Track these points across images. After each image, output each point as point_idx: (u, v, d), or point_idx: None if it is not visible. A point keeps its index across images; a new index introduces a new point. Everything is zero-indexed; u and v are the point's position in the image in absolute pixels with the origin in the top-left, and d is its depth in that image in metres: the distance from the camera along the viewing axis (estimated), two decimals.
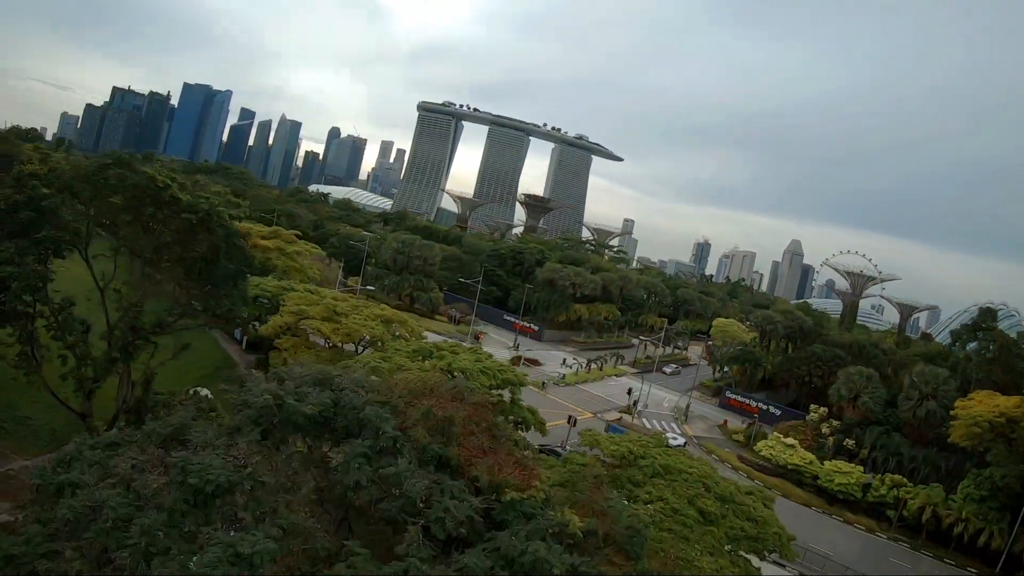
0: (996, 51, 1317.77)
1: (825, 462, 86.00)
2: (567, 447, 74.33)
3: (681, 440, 79.93)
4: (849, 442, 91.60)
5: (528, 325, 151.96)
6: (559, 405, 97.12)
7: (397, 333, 74.91)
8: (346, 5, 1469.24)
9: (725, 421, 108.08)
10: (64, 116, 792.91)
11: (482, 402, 35.65)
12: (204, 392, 69.69)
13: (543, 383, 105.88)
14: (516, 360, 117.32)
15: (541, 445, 71.10)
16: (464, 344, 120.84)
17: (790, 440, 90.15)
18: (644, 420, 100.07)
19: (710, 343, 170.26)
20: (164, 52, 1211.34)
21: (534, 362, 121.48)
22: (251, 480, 24.33)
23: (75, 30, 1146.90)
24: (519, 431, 51.95)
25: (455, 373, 48.70)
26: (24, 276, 46.32)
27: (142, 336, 49.89)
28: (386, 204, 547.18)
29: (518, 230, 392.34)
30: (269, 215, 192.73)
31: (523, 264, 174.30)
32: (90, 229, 52.92)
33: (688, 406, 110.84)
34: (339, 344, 69.22)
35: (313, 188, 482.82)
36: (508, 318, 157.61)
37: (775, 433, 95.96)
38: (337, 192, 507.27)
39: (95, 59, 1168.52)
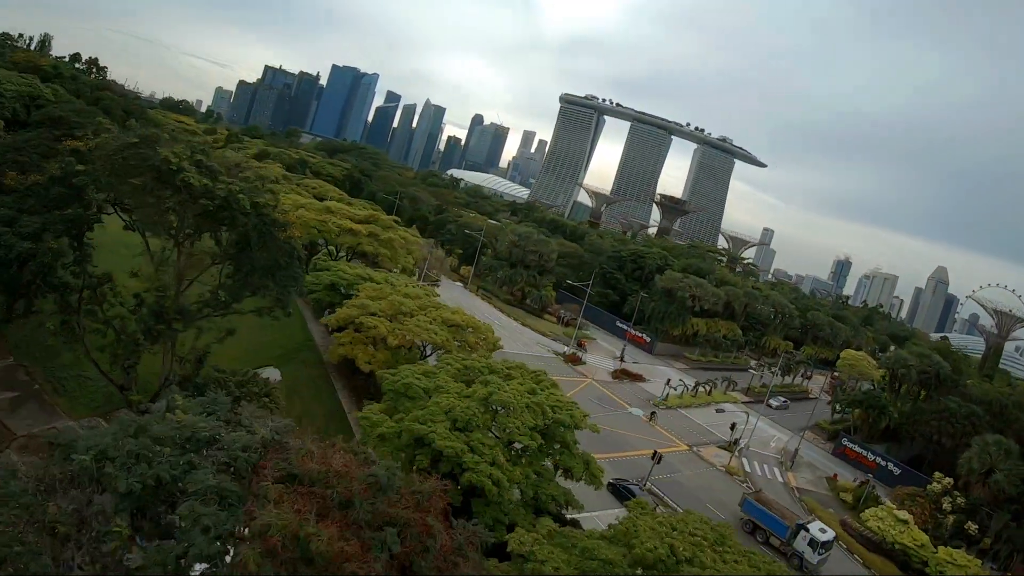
0: None
1: (939, 547, 71.68)
2: (645, 485, 67.87)
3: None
4: (972, 526, 76.00)
5: (640, 335, 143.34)
6: (651, 431, 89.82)
7: (463, 341, 68.59)
8: None
9: (835, 475, 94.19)
10: (219, 91, 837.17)
11: (407, 499, 26.62)
12: (268, 375, 68.29)
13: (652, 414, 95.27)
14: (618, 373, 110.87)
15: (616, 480, 65.65)
16: (563, 349, 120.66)
17: (903, 515, 75.19)
18: (745, 461, 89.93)
19: (835, 376, 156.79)
20: (317, 35, 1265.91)
21: (637, 377, 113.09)
22: None
23: (237, 12, 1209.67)
24: (566, 481, 46.07)
25: (496, 407, 42.87)
26: (42, 253, 47.81)
27: (163, 322, 48.87)
28: (523, 193, 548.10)
29: (652, 231, 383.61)
30: (392, 196, 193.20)
31: (643, 269, 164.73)
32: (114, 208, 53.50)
33: (797, 450, 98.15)
34: (397, 346, 62.86)
35: (452, 173, 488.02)
36: (620, 325, 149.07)
37: (888, 502, 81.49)
38: (475, 178, 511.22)
39: (252, 40, 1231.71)
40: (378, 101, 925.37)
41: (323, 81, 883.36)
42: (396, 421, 42.26)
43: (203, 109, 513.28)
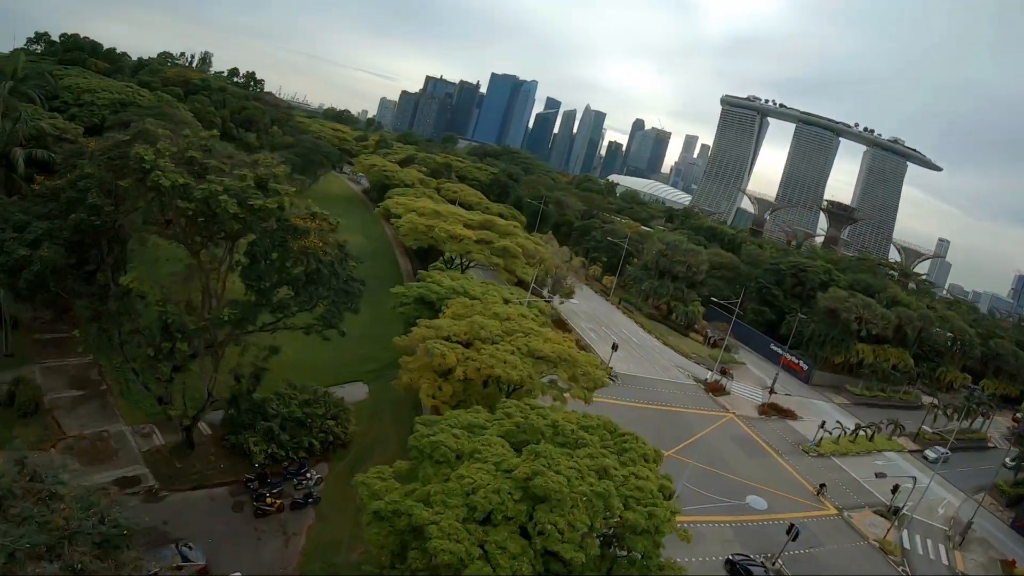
0: None
1: None
2: (775, 563, 54.36)
3: None
4: None
5: (796, 361, 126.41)
6: (794, 483, 74.66)
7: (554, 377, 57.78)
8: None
9: (1012, 561, 71.09)
10: (383, 101, 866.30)
11: None
12: (353, 392, 68.70)
13: (821, 487, 74.04)
14: (765, 408, 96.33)
15: (735, 557, 53.48)
16: (706, 375, 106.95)
17: None
18: (905, 535, 70.32)
19: (1017, 419, 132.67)
20: (476, 45, 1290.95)
21: (787, 413, 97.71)
22: None
23: (399, 27, 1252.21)
24: None
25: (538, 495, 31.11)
26: (35, 260, 45.23)
27: (169, 338, 45.82)
28: (685, 200, 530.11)
29: (818, 240, 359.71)
30: (537, 201, 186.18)
31: (804, 285, 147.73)
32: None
33: (970, 522, 75.50)
34: (466, 378, 51.42)
35: (611, 178, 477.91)
36: (775, 349, 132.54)
37: None
38: (636, 184, 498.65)
39: (414, 52, 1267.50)
40: (538, 108, 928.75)
41: (483, 89, 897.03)
42: (401, 495, 32.45)
43: (364, 120, 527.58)
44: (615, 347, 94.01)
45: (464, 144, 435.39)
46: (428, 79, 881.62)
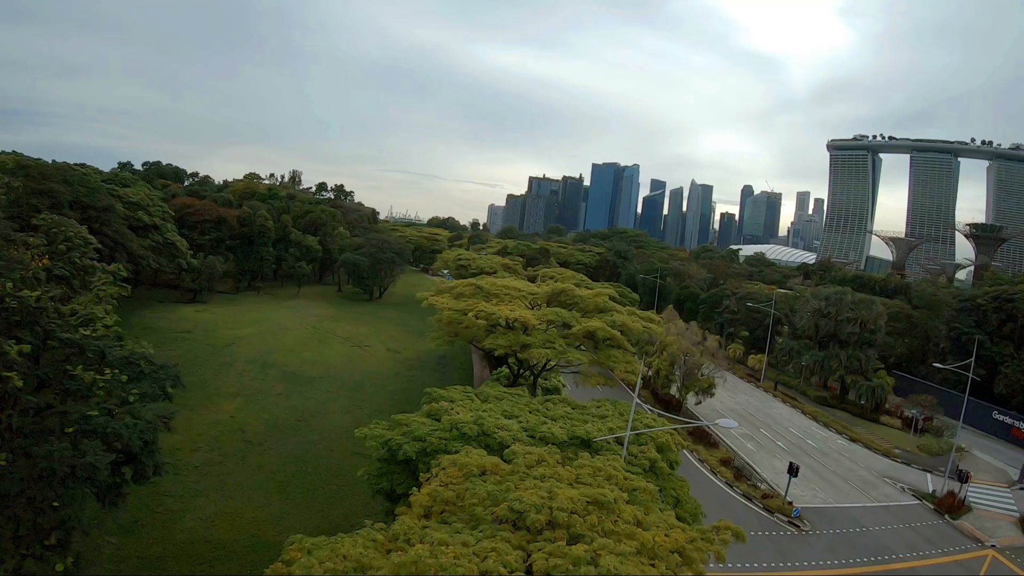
0: None
1: None
2: None
3: None
4: None
5: None
6: None
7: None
8: (736, 64, 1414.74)
9: None
10: (491, 208, 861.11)
11: None
12: None
13: None
14: None
15: None
16: (928, 483, 65.97)
17: None
18: None
19: None
20: (574, 141, 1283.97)
21: None
22: None
23: (497, 136, 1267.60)
24: None
25: None
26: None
27: None
28: (809, 258, 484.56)
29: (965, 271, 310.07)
30: (652, 276, 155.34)
31: (1017, 320, 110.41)
32: None
33: None
34: None
35: (730, 248, 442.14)
36: (1001, 417, 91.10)
37: None
38: (757, 250, 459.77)
39: (515, 157, 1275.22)
40: (644, 192, 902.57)
41: (587, 182, 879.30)
42: None
43: (470, 226, 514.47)
44: (795, 471, 57.42)
45: (572, 235, 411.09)
46: (532, 179, 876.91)
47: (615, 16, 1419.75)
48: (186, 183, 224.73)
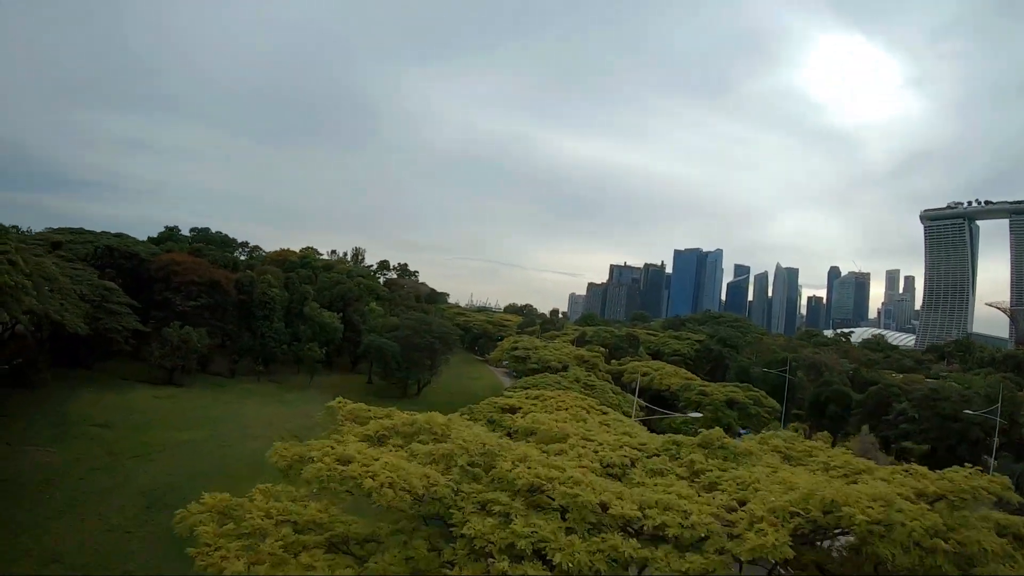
0: None
1: None
2: None
3: None
4: None
5: None
6: None
7: None
8: (812, 142, 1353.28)
9: None
10: (571, 296, 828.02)
11: None
12: None
13: None
14: None
15: None
16: None
17: None
18: None
19: None
20: (654, 229, 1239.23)
21: None
22: None
23: (575, 225, 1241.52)
24: None
25: None
26: None
27: None
28: (907, 340, 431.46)
29: None
30: (774, 370, 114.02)
31: None
32: None
33: None
34: None
35: (828, 333, 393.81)
36: None
37: None
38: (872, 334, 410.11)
39: (595, 246, 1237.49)
40: (727, 277, 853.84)
41: (669, 269, 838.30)
42: None
43: (560, 314, 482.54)
44: None
45: (659, 322, 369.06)
46: (613, 267, 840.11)
47: (690, 102, 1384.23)
48: (235, 253, 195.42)
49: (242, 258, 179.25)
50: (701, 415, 71.47)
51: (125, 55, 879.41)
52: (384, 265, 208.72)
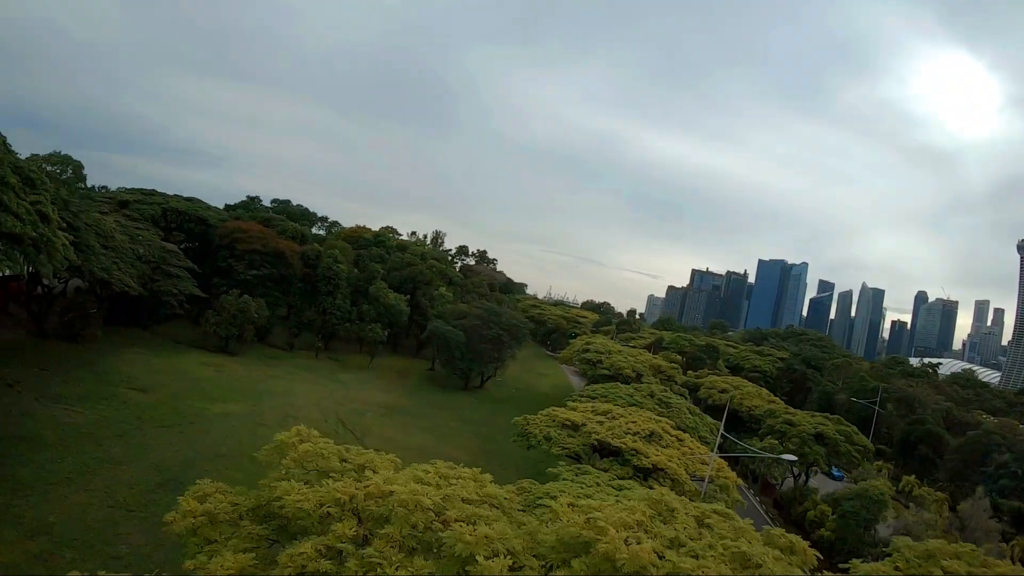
0: None
1: None
2: None
3: None
4: None
5: None
6: None
7: None
8: (909, 160, 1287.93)
9: None
10: (650, 298, 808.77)
11: None
12: None
13: None
14: None
15: None
16: None
17: None
18: None
19: None
20: (740, 235, 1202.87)
21: None
22: None
23: (662, 228, 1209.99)
24: None
25: None
26: None
27: None
28: (991, 376, 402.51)
29: None
30: (868, 400, 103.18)
31: None
32: None
33: None
34: None
35: (913, 362, 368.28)
36: None
37: None
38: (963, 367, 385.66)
39: (679, 248, 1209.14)
40: (810, 292, 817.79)
41: (751, 279, 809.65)
42: None
43: (637, 315, 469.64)
44: None
45: (739, 333, 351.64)
46: (694, 272, 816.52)
47: (785, 108, 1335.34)
48: (314, 227, 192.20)
49: (320, 232, 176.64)
50: (796, 459, 62.01)
51: (239, 30, 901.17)
52: (463, 250, 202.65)
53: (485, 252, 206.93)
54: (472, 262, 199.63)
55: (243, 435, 57.24)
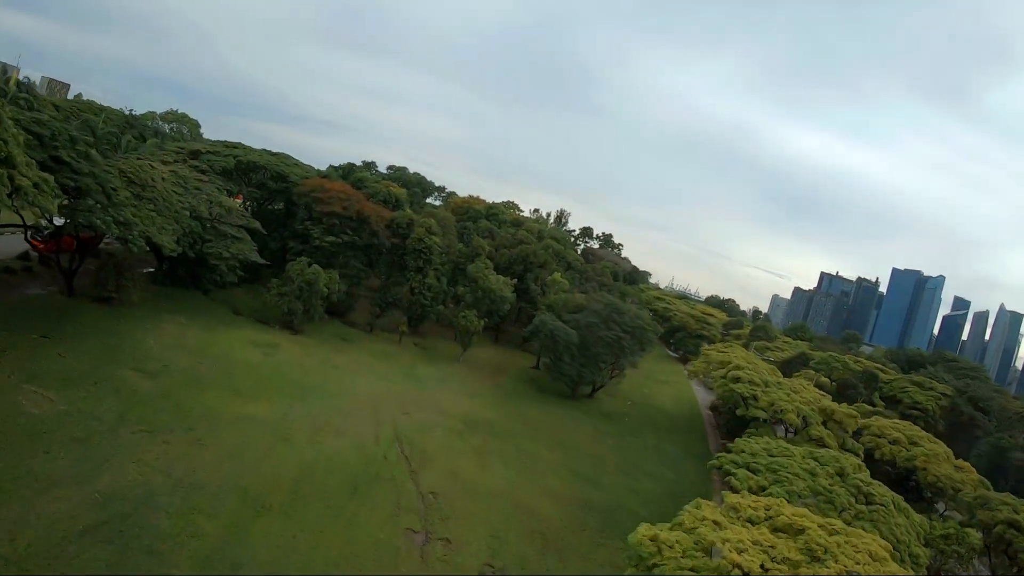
0: None
1: None
2: None
3: None
4: None
5: None
6: None
7: None
8: None
9: None
10: (774, 299, 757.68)
11: None
12: None
13: None
14: None
15: None
16: None
17: None
18: None
19: None
20: (874, 240, 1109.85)
21: None
22: None
23: (792, 225, 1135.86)
24: None
25: None
26: None
27: None
28: None
29: None
30: None
31: None
32: None
33: None
34: None
35: None
36: None
37: None
38: None
39: (808, 249, 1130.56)
40: (945, 309, 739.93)
41: (882, 288, 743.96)
42: None
43: (751, 313, 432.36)
44: None
45: (867, 349, 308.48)
46: (823, 275, 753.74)
47: (927, 106, 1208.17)
48: (432, 197, 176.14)
49: (436, 203, 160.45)
50: None
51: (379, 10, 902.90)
52: (587, 232, 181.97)
53: (611, 236, 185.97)
54: (596, 245, 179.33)
55: (251, 454, 39.81)
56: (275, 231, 79.35)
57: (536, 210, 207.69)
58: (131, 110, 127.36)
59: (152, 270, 71.04)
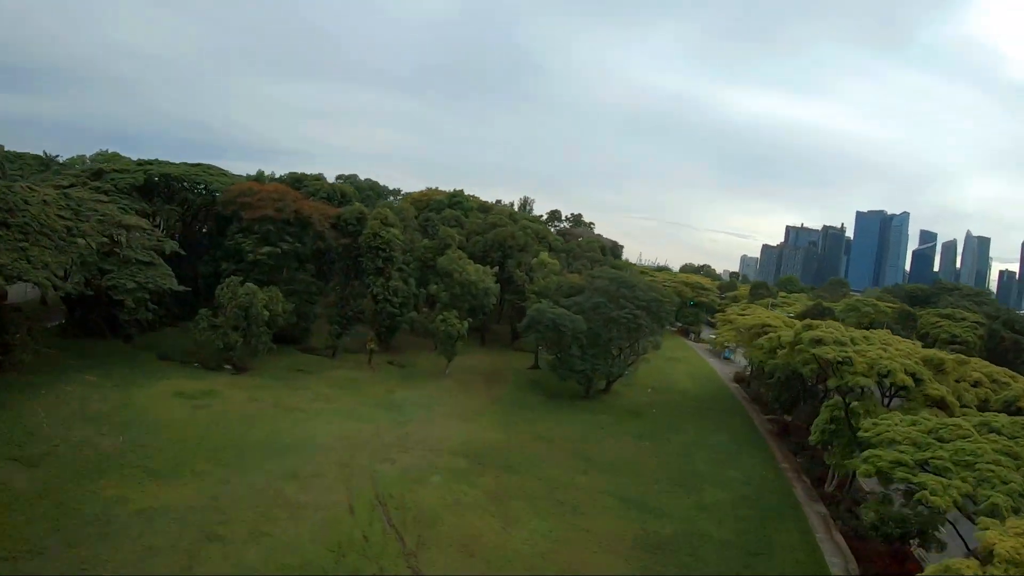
0: None
1: None
2: None
3: None
4: None
5: None
6: None
7: None
8: (1002, 100, 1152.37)
9: None
10: (744, 259, 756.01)
11: None
12: None
13: None
14: None
15: None
16: None
17: None
18: None
19: None
20: (830, 190, 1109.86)
21: None
22: None
23: (751, 186, 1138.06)
24: None
25: None
26: None
27: None
28: None
29: None
30: None
31: None
32: None
33: None
34: None
35: None
36: None
37: None
38: None
39: (771, 207, 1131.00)
40: (912, 244, 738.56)
41: (849, 232, 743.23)
42: None
43: (727, 276, 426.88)
44: None
45: (855, 294, 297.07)
46: (788, 229, 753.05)
47: (868, 53, 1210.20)
48: (386, 199, 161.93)
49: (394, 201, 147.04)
50: None
51: (303, 28, 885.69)
52: (555, 215, 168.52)
53: (580, 216, 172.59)
54: (567, 226, 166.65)
55: (163, 570, 26.19)
56: (206, 254, 65.50)
57: (498, 200, 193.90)
58: (56, 155, 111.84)
59: (63, 321, 57.43)
